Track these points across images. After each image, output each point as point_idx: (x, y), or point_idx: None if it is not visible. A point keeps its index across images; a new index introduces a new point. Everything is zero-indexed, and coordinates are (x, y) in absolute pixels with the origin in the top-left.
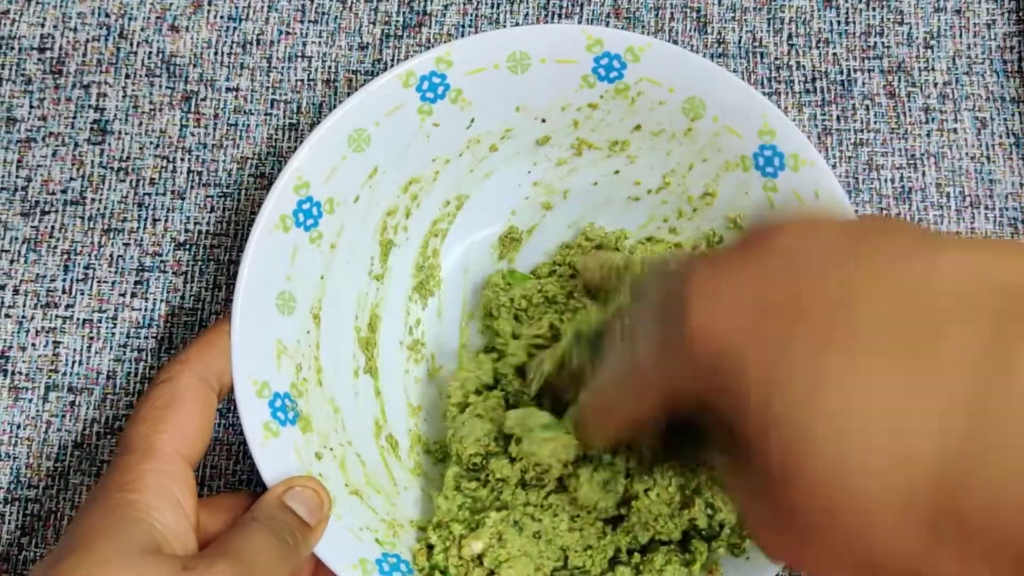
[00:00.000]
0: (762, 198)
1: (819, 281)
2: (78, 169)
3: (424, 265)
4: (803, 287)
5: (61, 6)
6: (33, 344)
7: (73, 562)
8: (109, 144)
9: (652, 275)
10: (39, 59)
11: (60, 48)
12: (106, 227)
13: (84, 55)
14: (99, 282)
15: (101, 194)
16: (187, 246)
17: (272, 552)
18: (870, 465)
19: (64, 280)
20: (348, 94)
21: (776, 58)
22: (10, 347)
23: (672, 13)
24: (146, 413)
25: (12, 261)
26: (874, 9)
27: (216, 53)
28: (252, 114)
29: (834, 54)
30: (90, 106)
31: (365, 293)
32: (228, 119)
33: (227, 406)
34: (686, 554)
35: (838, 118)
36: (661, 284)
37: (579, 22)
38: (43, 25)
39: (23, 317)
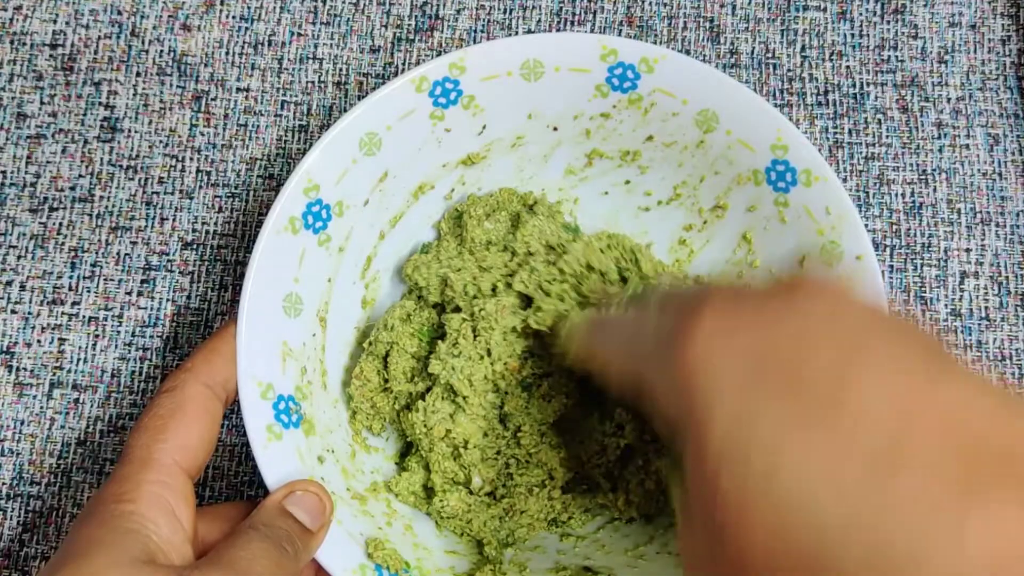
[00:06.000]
0: (773, 213)
1: (819, 369)
2: (87, 166)
3: None
4: (803, 367)
5: (74, 3)
6: (39, 341)
7: (66, 574)
8: (118, 142)
9: (672, 286)
10: (50, 55)
11: (72, 45)
12: (114, 225)
13: (95, 52)
14: (106, 280)
15: (109, 192)
16: (194, 246)
17: (269, 560)
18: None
19: (71, 277)
20: (359, 97)
21: (789, 70)
22: (15, 343)
23: (685, 23)
24: (148, 423)
25: (19, 257)
26: (889, 23)
27: (227, 53)
28: (262, 115)
29: (847, 67)
30: (100, 103)
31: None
32: (238, 119)
33: (231, 407)
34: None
35: (850, 131)
36: (677, 296)
37: (591, 30)
38: (55, 22)
39: (29, 313)
